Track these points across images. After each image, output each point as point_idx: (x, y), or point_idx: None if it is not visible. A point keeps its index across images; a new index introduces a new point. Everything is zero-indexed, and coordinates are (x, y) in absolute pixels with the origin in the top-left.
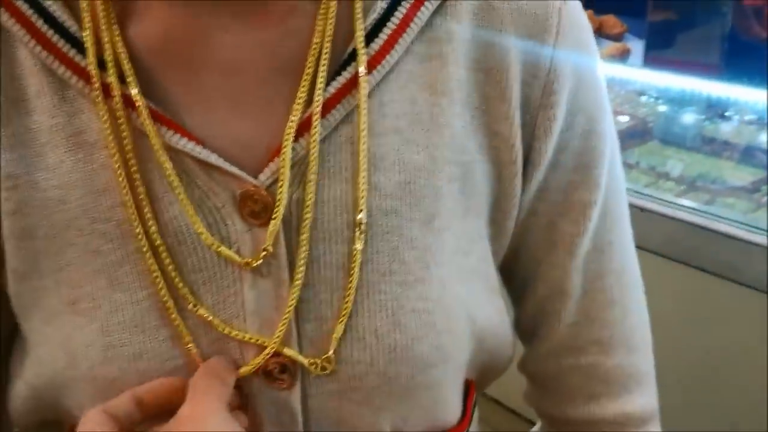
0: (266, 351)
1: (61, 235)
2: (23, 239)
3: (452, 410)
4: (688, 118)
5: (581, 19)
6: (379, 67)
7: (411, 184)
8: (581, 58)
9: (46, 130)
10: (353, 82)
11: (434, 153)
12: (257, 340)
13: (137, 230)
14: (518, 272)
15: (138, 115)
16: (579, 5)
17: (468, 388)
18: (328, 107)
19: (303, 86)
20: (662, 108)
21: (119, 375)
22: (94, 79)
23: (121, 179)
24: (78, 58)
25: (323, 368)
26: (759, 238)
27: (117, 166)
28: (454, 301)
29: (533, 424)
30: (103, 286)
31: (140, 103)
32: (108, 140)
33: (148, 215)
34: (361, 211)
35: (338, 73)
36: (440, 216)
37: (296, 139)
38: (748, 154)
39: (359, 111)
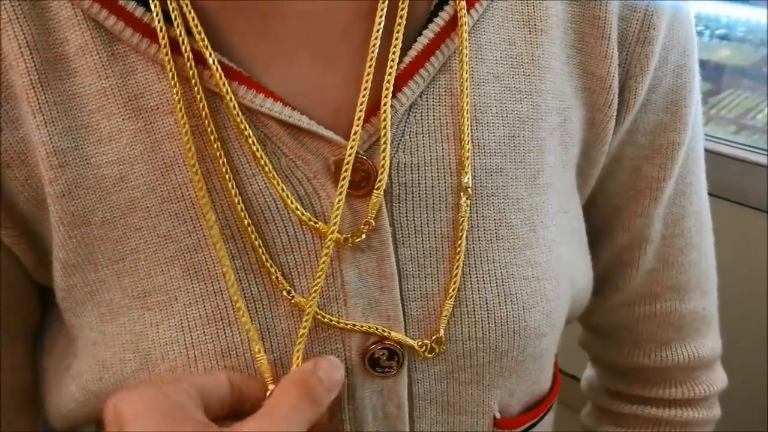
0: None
1: (123, 219)
2: (75, 226)
3: (550, 376)
4: None
5: None
6: (477, 5)
7: (515, 138)
8: None
9: (96, 95)
10: (451, 25)
11: (537, 101)
12: (362, 327)
13: (208, 214)
14: (593, 221)
15: (210, 74)
16: None
17: None
18: (425, 55)
19: (397, 32)
20: None
21: None
22: (161, 32)
23: (190, 153)
24: (131, 6)
25: (432, 350)
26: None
27: (186, 137)
28: (560, 264)
29: (574, 378)
30: (178, 275)
31: (212, 58)
32: (176, 104)
33: (233, 190)
34: (467, 173)
35: (434, 14)
36: (543, 172)
37: (393, 95)
38: None
39: (460, 56)
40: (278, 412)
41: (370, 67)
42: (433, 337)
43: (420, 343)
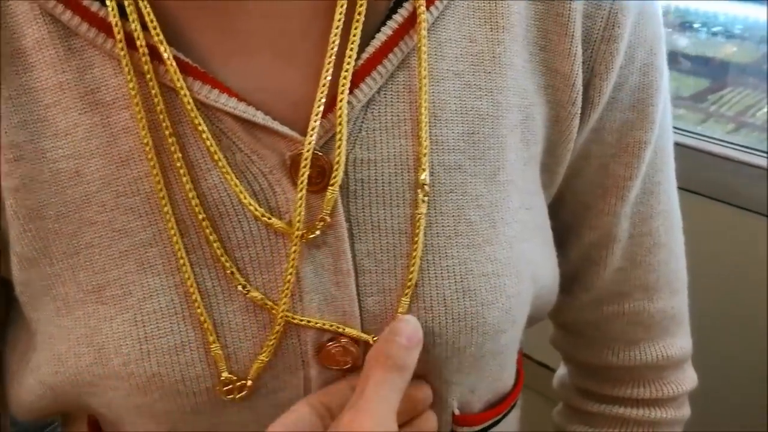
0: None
1: (78, 214)
2: (30, 220)
3: (512, 373)
4: None
5: None
6: (437, 2)
7: (474, 135)
8: None
9: (52, 89)
10: (410, 22)
11: (497, 98)
12: (316, 323)
13: (165, 208)
14: (562, 218)
15: (166, 69)
16: None
17: None
18: (383, 51)
19: (355, 28)
20: None
21: (158, 370)
22: (117, 27)
23: (148, 147)
24: (87, 1)
25: None
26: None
27: (144, 131)
28: (521, 261)
29: (549, 368)
30: (133, 269)
31: (167, 53)
32: (132, 98)
33: (188, 185)
34: (424, 170)
35: (394, 11)
36: (504, 169)
37: (350, 91)
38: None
39: (419, 54)
40: (366, 396)
41: (329, 63)
42: None
43: (375, 339)
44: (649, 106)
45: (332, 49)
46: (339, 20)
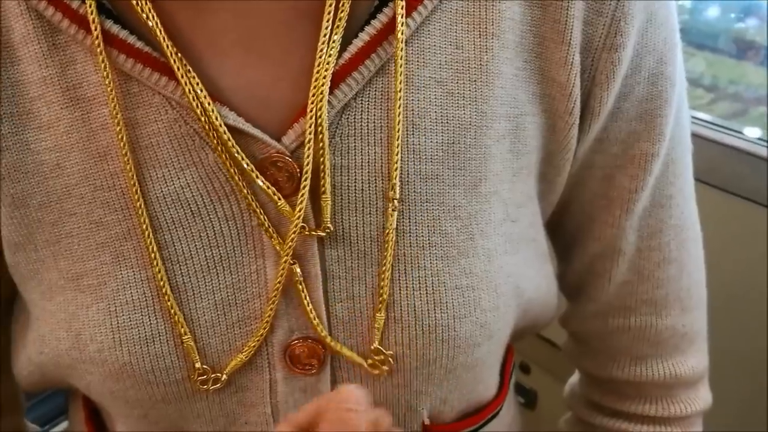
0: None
1: (59, 204)
2: (15, 208)
3: (492, 385)
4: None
5: None
6: (420, 8)
7: (455, 145)
8: None
9: (37, 83)
10: (390, 27)
11: (482, 107)
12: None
13: (137, 203)
14: (567, 227)
15: (143, 67)
16: None
17: (506, 355)
18: (360, 57)
19: (335, 34)
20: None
21: (129, 359)
22: (94, 23)
23: (122, 143)
24: None
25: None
26: None
27: (118, 127)
28: (501, 274)
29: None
30: (108, 261)
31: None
32: (108, 95)
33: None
34: (394, 185)
35: (373, 16)
36: (487, 180)
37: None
38: None
39: (396, 60)
40: None
41: (319, 65)
42: (367, 345)
43: (342, 342)
44: (657, 117)
45: (320, 57)
46: (326, 27)
